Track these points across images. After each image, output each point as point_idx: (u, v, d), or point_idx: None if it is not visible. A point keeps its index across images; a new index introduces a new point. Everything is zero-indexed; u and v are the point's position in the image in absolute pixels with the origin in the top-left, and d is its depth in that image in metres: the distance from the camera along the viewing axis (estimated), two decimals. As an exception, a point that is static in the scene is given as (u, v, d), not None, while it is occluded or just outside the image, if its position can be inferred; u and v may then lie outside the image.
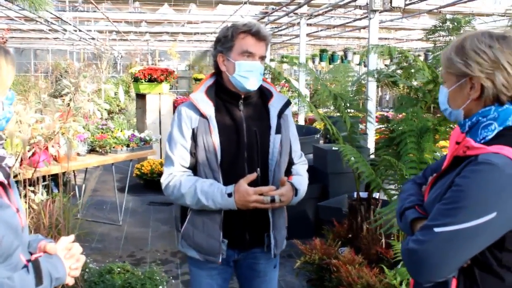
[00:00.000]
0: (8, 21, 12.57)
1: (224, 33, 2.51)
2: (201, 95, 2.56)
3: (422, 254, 1.60)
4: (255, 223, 2.54)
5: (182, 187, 2.48)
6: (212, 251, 2.55)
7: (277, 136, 2.55)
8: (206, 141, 2.48)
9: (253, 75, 2.48)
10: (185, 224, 2.63)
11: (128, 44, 21.61)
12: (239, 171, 2.49)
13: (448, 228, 1.56)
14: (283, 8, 10.45)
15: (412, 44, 17.71)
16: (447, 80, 1.76)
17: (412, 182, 2.00)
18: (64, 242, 1.78)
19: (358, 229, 4.65)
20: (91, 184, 8.66)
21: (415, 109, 4.17)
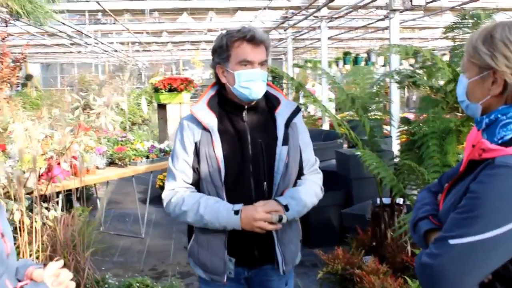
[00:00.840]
0: (31, 37, 12.69)
1: (219, 43, 2.37)
2: (202, 106, 2.43)
3: (436, 269, 1.46)
4: (262, 239, 2.38)
5: (184, 204, 2.35)
6: (217, 270, 2.42)
7: (284, 147, 2.39)
8: (208, 155, 2.35)
9: (255, 84, 2.34)
10: (191, 242, 2.52)
11: (151, 55, 21.71)
12: (244, 186, 2.37)
13: (463, 240, 1.41)
14: (303, 12, 10.32)
15: (436, 43, 17.37)
16: (468, 69, 1.59)
17: (427, 191, 1.84)
18: (51, 269, 1.67)
19: (382, 237, 4.48)
20: (115, 196, 8.69)
21: (437, 109, 4.00)
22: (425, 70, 4.58)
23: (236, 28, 2.38)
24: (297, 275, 5.18)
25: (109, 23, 12.32)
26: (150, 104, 13.97)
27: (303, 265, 5.45)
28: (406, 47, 4.07)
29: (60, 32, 11.39)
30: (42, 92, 19.72)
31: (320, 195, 2.58)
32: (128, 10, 10.19)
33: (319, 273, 4.34)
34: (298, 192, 2.44)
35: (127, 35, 14.23)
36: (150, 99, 14.98)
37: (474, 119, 1.63)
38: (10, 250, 1.59)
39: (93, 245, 4.54)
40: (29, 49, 17.17)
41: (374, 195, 5.03)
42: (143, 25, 12.36)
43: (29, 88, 20.26)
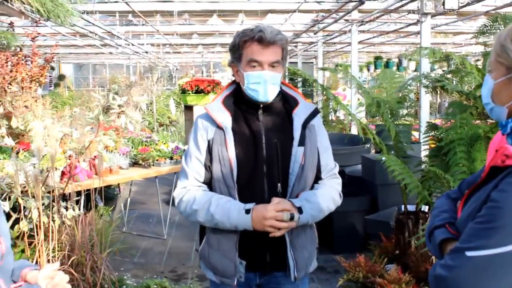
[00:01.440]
0: (62, 37, 12.81)
1: (233, 42, 2.33)
2: (217, 104, 2.37)
3: (451, 283, 1.36)
4: (274, 242, 2.29)
5: (195, 202, 2.29)
6: (227, 273, 2.34)
7: (300, 148, 2.31)
8: (221, 154, 2.28)
9: (261, 86, 2.27)
10: (202, 244, 2.45)
11: (182, 57, 21.79)
12: (257, 188, 2.30)
13: (482, 252, 1.31)
14: (333, 15, 10.20)
15: (470, 49, 17.03)
16: (495, 69, 1.47)
17: (445, 197, 1.73)
18: (46, 271, 1.61)
19: (406, 245, 4.36)
20: (139, 197, 8.69)
21: (465, 115, 3.86)
22: (454, 75, 4.44)
23: (251, 27, 2.31)
24: (318, 281, 5.09)
25: (139, 24, 12.36)
26: (179, 105, 14.00)
27: (325, 271, 5.36)
28: (434, 50, 3.94)
29: (90, 33, 11.46)
30: (74, 92, 20.01)
31: (338, 201, 2.47)
32: (157, 11, 10.19)
33: (339, 280, 4.22)
34: (314, 195, 2.35)
35: (157, 36, 14.27)
36: (179, 100, 15.03)
37: (499, 123, 1.52)
38: (5, 250, 1.54)
39: (113, 246, 4.52)
40: (62, 50, 17.43)
41: (399, 202, 4.91)
42: (173, 26, 12.35)
43: (62, 88, 20.56)
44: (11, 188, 4.00)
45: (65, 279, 1.63)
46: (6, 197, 3.92)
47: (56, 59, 19.71)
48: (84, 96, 16.14)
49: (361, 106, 12.23)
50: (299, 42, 15.41)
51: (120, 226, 6.63)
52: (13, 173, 3.95)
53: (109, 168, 5.69)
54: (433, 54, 3.94)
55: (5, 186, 4.07)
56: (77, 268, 3.92)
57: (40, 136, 3.59)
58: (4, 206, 3.76)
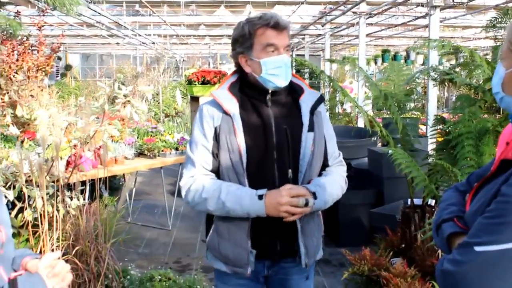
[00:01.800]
0: (69, 27, 12.80)
1: (240, 32, 2.29)
2: (223, 91, 2.34)
3: (459, 278, 1.32)
4: (285, 230, 2.29)
5: (204, 191, 2.24)
6: (240, 262, 2.30)
7: (310, 134, 2.30)
8: (229, 141, 2.25)
9: (283, 70, 2.27)
10: (210, 234, 2.39)
11: (189, 48, 21.75)
12: (267, 174, 2.26)
13: (491, 247, 1.27)
14: (341, 7, 10.14)
15: (479, 43, 16.91)
16: (506, 57, 1.43)
17: (453, 189, 1.69)
18: (47, 260, 1.58)
19: (412, 239, 4.32)
20: (145, 187, 8.69)
21: (473, 108, 3.81)
22: (463, 68, 4.39)
23: (255, 15, 2.30)
24: (323, 274, 5.07)
25: (146, 15, 12.33)
26: (185, 96, 13.97)
27: (330, 264, 5.34)
28: (442, 42, 3.89)
29: (97, 23, 11.43)
30: (80, 82, 20.02)
31: (344, 188, 2.48)
32: (164, 2, 10.16)
33: (345, 273, 4.20)
34: (325, 181, 2.35)
35: (164, 27, 14.23)
36: (185, 91, 15.00)
37: (509, 114, 1.48)
38: (5, 239, 1.51)
39: (118, 236, 4.51)
40: (69, 40, 17.43)
41: (406, 195, 4.88)
42: (181, 17, 12.31)
43: (68, 78, 20.58)
44: (15, 177, 3.99)
45: (66, 268, 1.61)
46: (11, 186, 3.91)
47: (62, 49, 19.72)
48: (91, 86, 16.13)
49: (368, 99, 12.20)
50: (307, 34, 15.35)
51: (125, 216, 6.63)
52: (18, 162, 3.93)
53: (114, 158, 5.67)
54: (442, 47, 3.89)
55: (10, 175, 4.06)
56: (81, 258, 3.91)
57: (45, 125, 3.57)
58: (9, 195, 3.76)
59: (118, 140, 6.07)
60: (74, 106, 4.60)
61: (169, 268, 5.11)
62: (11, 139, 5.15)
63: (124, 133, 6.23)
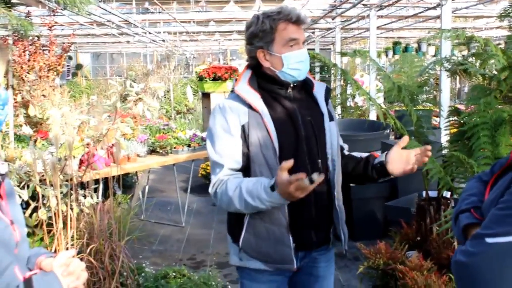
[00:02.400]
0: (80, 27, 12.83)
1: (260, 27, 2.26)
2: (245, 86, 2.30)
3: (471, 269, 1.30)
4: (321, 220, 2.34)
5: (228, 190, 2.19)
6: (285, 259, 2.28)
7: (332, 123, 2.38)
8: (261, 137, 2.22)
9: (304, 64, 2.30)
10: (243, 235, 2.31)
11: (199, 45, 21.74)
12: (301, 166, 2.20)
13: (503, 239, 1.26)
14: (352, 0, 10.07)
15: (491, 33, 16.75)
16: None
17: (476, 179, 1.66)
18: (62, 258, 1.57)
19: (427, 232, 4.28)
20: (158, 185, 8.70)
21: (489, 99, 3.75)
22: (477, 58, 4.33)
23: (273, 10, 2.28)
24: (338, 268, 5.04)
25: (156, 12, 12.33)
26: (196, 93, 13.98)
27: (345, 258, 5.31)
28: (457, 31, 3.84)
29: (108, 22, 11.45)
30: (91, 81, 20.08)
31: None
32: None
33: (360, 267, 4.17)
34: None
35: (174, 24, 14.23)
36: (196, 88, 15.02)
37: None
38: (20, 238, 1.51)
39: (132, 233, 4.51)
40: (79, 39, 17.47)
41: (420, 188, 4.84)
42: (190, 14, 12.30)
43: (79, 77, 20.66)
44: (29, 177, 4.00)
45: (81, 266, 1.59)
46: (25, 186, 3.92)
47: (73, 48, 19.80)
48: (102, 85, 16.18)
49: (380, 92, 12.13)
50: (317, 28, 15.27)
51: (139, 214, 6.63)
52: (31, 161, 3.94)
53: (127, 156, 5.68)
54: (456, 37, 3.83)
55: (24, 174, 4.07)
56: (96, 256, 3.91)
57: (58, 124, 3.58)
58: (23, 195, 3.77)
59: (130, 138, 6.08)
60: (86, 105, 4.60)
61: (183, 265, 5.12)
62: (24, 139, 5.17)
63: (136, 130, 6.24)
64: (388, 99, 5.82)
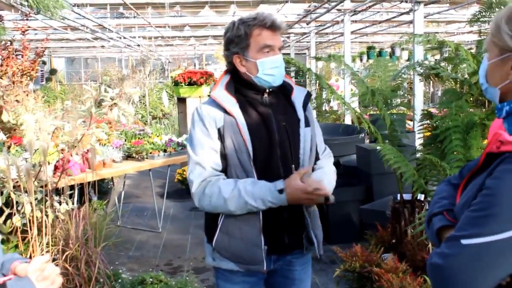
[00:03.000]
0: (53, 31, 12.71)
1: (235, 33, 2.29)
2: (222, 92, 2.35)
3: (447, 271, 1.33)
4: (293, 224, 2.36)
5: (222, 192, 2.23)
6: (255, 260, 2.31)
7: (307, 129, 2.38)
8: (235, 140, 2.26)
9: (279, 70, 2.32)
10: (217, 234, 2.35)
11: (174, 49, 21.68)
12: (274, 170, 2.29)
13: (476, 240, 1.29)
14: (326, 5, 10.15)
15: (463, 37, 17.01)
16: (490, 50, 1.47)
17: (446, 183, 1.70)
18: (36, 263, 1.56)
19: (402, 234, 4.34)
20: (134, 191, 8.65)
21: (460, 102, 3.83)
22: (448, 62, 4.41)
23: (249, 15, 2.30)
24: (314, 271, 5.07)
25: (131, 17, 12.27)
26: (171, 98, 13.94)
27: (321, 261, 5.34)
28: (428, 36, 3.91)
29: (82, 26, 11.37)
30: (66, 86, 19.89)
31: (335, 179, 2.55)
32: (149, 3, 10.12)
33: (336, 270, 4.20)
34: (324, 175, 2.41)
35: (149, 29, 14.18)
36: (172, 93, 14.96)
37: (495, 106, 1.50)
38: None
39: (108, 239, 4.49)
40: (53, 44, 17.31)
41: (395, 191, 4.90)
42: (165, 19, 12.27)
43: (53, 82, 20.44)
44: (3, 183, 3.95)
45: (56, 271, 1.59)
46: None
47: (47, 53, 19.60)
48: (76, 90, 16.05)
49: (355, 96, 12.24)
50: (292, 33, 15.35)
51: (115, 220, 6.60)
52: (5, 167, 3.89)
53: (102, 161, 5.64)
54: (427, 42, 3.90)
55: (-3, 181, 4.02)
56: (71, 262, 3.88)
57: (32, 130, 3.54)
58: (-4, 202, 3.72)
59: (105, 144, 6.04)
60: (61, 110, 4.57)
61: (160, 270, 5.11)
62: (-3, 145, 5.10)
63: (112, 136, 6.19)
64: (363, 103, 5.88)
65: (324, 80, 4.39)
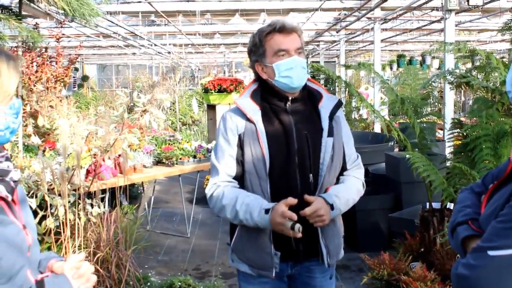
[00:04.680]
0: (86, 38, 12.94)
1: (253, 42, 2.37)
2: (246, 99, 2.40)
3: (473, 282, 1.32)
4: (307, 232, 2.30)
5: (224, 198, 2.31)
6: (265, 266, 2.36)
7: (329, 139, 2.35)
8: (253, 148, 2.31)
9: (295, 71, 2.31)
10: (234, 238, 2.45)
11: (204, 57, 21.87)
12: (290, 179, 2.31)
13: (505, 252, 1.28)
14: (356, 13, 10.16)
15: (495, 46, 16.83)
16: None
17: (469, 191, 1.68)
18: (72, 261, 1.63)
19: (431, 243, 4.31)
20: (163, 196, 8.75)
21: (491, 111, 3.80)
22: (479, 71, 4.39)
23: (265, 24, 2.37)
24: (342, 279, 5.07)
25: (162, 24, 12.43)
26: (201, 105, 14.05)
27: (349, 269, 5.33)
28: (458, 44, 3.90)
29: (114, 34, 11.56)
30: (97, 92, 20.19)
31: (362, 191, 2.51)
32: (180, 11, 10.25)
33: (364, 278, 4.20)
34: (343, 190, 2.39)
35: (180, 36, 14.34)
36: (202, 100, 15.09)
37: None
38: (32, 242, 1.56)
39: (138, 243, 4.56)
40: (86, 51, 17.61)
41: (424, 199, 4.88)
42: (196, 26, 12.42)
43: (85, 88, 20.78)
44: (37, 186, 4.05)
45: (91, 270, 1.65)
46: (33, 195, 3.98)
47: (80, 60, 19.94)
48: (108, 97, 16.28)
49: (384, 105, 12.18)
50: (321, 41, 15.39)
51: (144, 224, 6.68)
52: (39, 171, 4.00)
53: (133, 166, 5.73)
54: (458, 50, 3.89)
55: (32, 183, 4.13)
56: (102, 265, 3.96)
57: (66, 134, 3.64)
58: (31, 203, 3.82)
59: (136, 149, 6.13)
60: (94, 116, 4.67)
61: (188, 275, 5.15)
62: (32, 149, 5.23)
63: (143, 141, 6.29)
64: (392, 111, 5.87)
65: (354, 88, 4.41)
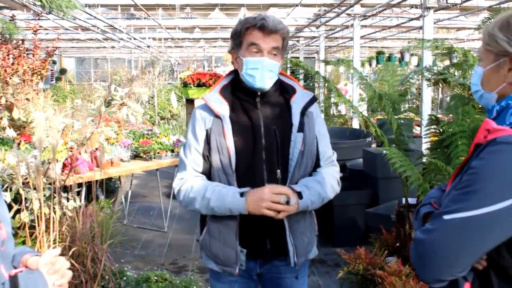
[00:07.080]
0: (64, 31, 12.80)
1: (234, 29, 2.34)
2: (214, 94, 2.37)
3: (429, 245, 1.39)
4: (274, 229, 2.30)
5: (192, 191, 2.30)
6: (228, 261, 2.34)
7: (299, 134, 2.31)
8: (219, 143, 2.29)
9: (259, 73, 2.27)
10: (203, 234, 2.44)
11: (184, 51, 21.78)
12: (257, 175, 2.29)
13: (458, 214, 1.34)
14: (336, 10, 10.18)
15: (473, 44, 16.99)
16: (484, 58, 1.56)
17: (436, 189, 1.78)
18: (47, 256, 1.60)
19: (406, 238, 4.36)
20: (141, 190, 8.70)
21: (467, 108, 3.85)
22: (456, 68, 4.43)
23: (255, 15, 2.32)
24: (318, 274, 5.10)
25: (141, 18, 12.34)
26: (180, 99, 13.99)
27: (325, 264, 5.37)
28: (436, 42, 3.93)
29: (93, 27, 11.45)
30: (75, 86, 20.01)
31: (337, 188, 2.47)
32: (159, 5, 10.18)
33: (339, 272, 4.23)
34: (313, 182, 2.35)
35: (159, 30, 14.25)
36: (180, 94, 15.00)
37: (486, 108, 1.58)
38: (6, 236, 1.53)
39: (114, 238, 4.52)
40: (64, 44, 17.43)
41: (400, 195, 4.92)
42: (175, 20, 12.34)
43: (63, 82, 20.57)
44: (12, 179, 4.00)
45: (66, 265, 1.63)
46: (8, 188, 3.92)
47: (57, 53, 19.72)
48: (86, 90, 16.14)
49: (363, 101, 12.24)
50: (301, 37, 15.40)
51: (121, 218, 6.64)
52: (14, 164, 3.95)
53: (110, 160, 5.68)
54: (436, 47, 3.93)
55: (7, 177, 4.08)
56: (77, 259, 3.92)
57: (42, 127, 3.59)
58: (6, 197, 3.76)
59: (114, 143, 6.09)
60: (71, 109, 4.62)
61: (165, 269, 5.14)
62: (7, 142, 5.17)
63: (120, 135, 6.24)
64: (370, 107, 5.89)
65: (332, 83, 4.42)
